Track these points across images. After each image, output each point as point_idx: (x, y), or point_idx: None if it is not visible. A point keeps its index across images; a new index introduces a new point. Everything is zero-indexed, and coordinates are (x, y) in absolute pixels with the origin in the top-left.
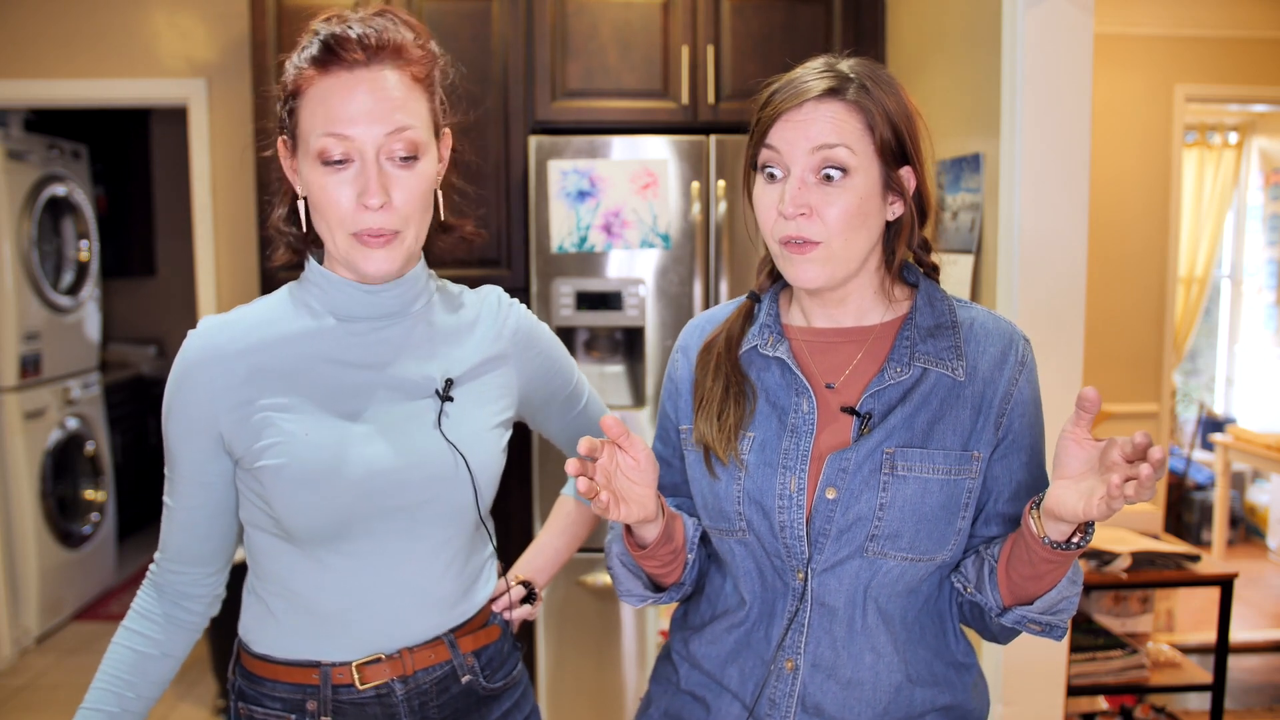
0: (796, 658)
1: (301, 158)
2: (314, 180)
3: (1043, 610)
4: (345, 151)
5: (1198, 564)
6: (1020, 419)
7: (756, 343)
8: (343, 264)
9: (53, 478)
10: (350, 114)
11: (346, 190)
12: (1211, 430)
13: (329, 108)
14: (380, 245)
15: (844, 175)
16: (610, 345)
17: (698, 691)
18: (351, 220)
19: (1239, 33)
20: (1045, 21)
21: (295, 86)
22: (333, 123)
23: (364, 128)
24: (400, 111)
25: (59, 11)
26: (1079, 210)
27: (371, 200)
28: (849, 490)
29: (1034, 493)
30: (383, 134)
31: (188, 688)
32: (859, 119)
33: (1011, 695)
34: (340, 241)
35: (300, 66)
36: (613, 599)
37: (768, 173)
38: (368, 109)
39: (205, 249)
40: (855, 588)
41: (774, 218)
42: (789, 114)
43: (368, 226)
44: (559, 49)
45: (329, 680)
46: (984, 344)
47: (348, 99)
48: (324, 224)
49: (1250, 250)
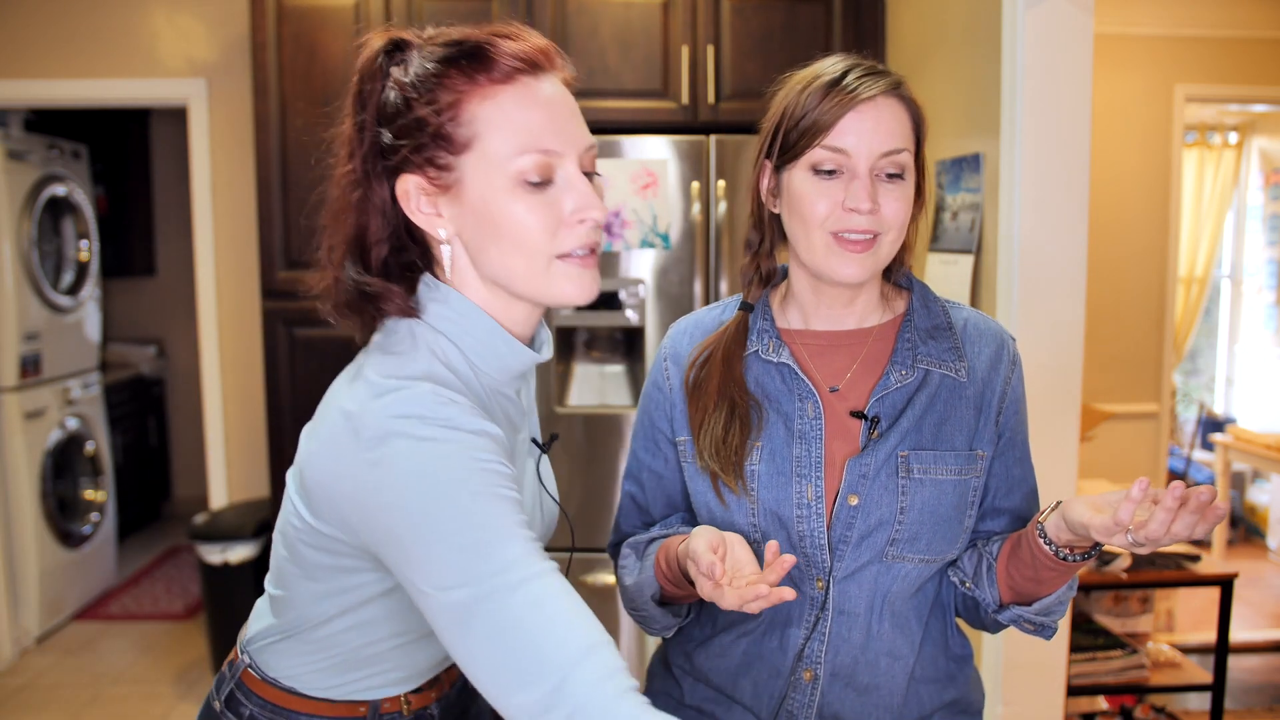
0: (816, 668)
1: (472, 180)
2: (501, 202)
3: (1039, 611)
4: (546, 172)
5: (1198, 564)
6: (1014, 416)
7: (757, 348)
8: (533, 292)
9: (53, 478)
10: (562, 124)
11: (549, 211)
12: (1211, 430)
13: (531, 118)
14: (592, 266)
15: (903, 175)
16: (610, 345)
17: (705, 707)
18: (570, 239)
19: (1239, 33)
20: (1045, 21)
21: (449, 101)
22: (543, 138)
23: (578, 133)
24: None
25: (59, 11)
26: (1079, 210)
27: (595, 213)
28: (870, 496)
29: (1026, 487)
30: (584, 145)
31: (188, 688)
32: (911, 120)
33: (1011, 695)
34: (539, 265)
35: (456, 79)
36: (613, 599)
37: (823, 170)
38: (577, 120)
39: (205, 249)
40: (874, 593)
41: (829, 209)
42: (860, 110)
43: (581, 244)
44: None
45: (377, 712)
46: (979, 344)
47: (555, 107)
48: (520, 249)
49: (1250, 250)
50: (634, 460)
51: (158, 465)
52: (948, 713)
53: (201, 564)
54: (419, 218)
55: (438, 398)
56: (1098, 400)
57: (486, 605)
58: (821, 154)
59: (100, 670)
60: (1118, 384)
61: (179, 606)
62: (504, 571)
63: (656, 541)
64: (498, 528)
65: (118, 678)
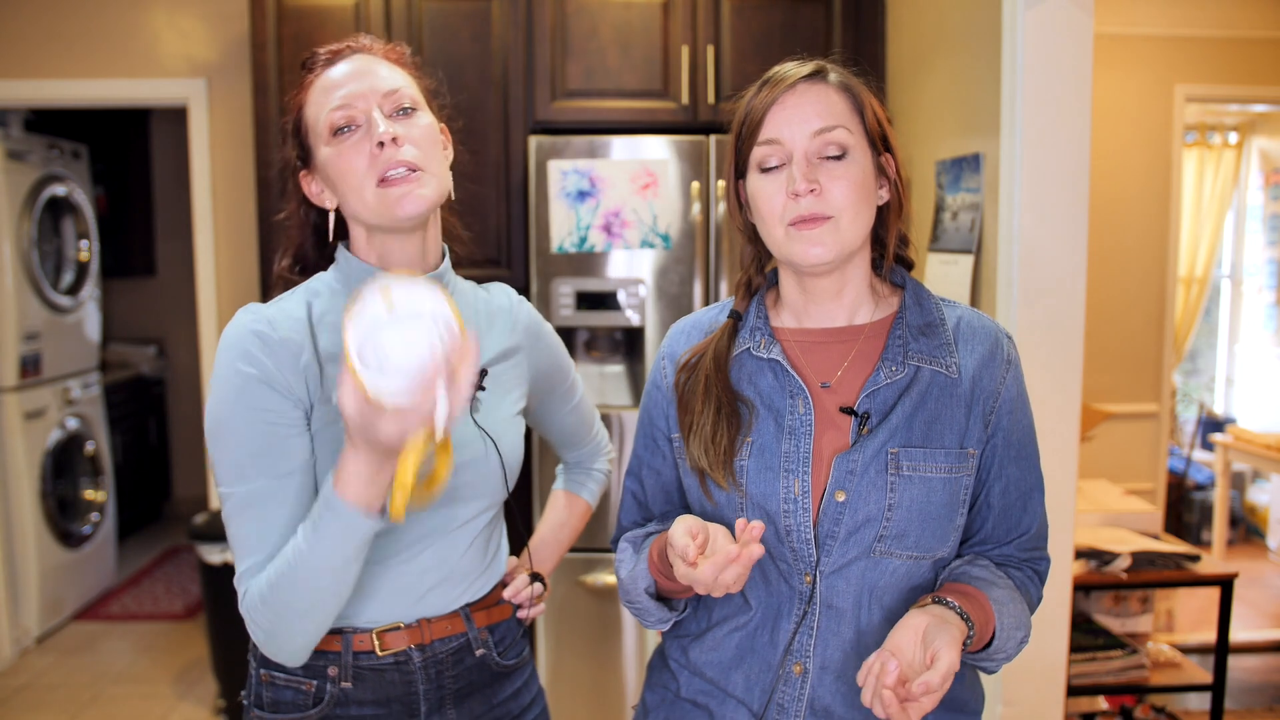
0: (805, 661)
1: (316, 155)
2: (330, 158)
3: (973, 658)
4: (348, 117)
5: (1198, 564)
6: (1009, 415)
7: (749, 345)
8: (376, 212)
9: (53, 478)
10: (342, 84)
11: (363, 156)
12: (1211, 430)
13: (326, 89)
14: (403, 182)
15: (845, 154)
16: (610, 345)
17: (699, 699)
18: (371, 169)
19: (1239, 33)
20: (1045, 21)
21: (297, 103)
22: (333, 96)
23: (357, 85)
24: (388, 77)
25: (59, 11)
26: (1079, 210)
27: (381, 133)
28: (857, 492)
29: (1024, 486)
30: (380, 92)
31: (188, 687)
32: (847, 100)
33: (1011, 695)
34: (369, 197)
35: (297, 89)
36: (613, 599)
37: (767, 168)
38: (356, 75)
39: (205, 249)
40: (862, 588)
41: (781, 202)
42: (782, 100)
43: (388, 166)
44: (559, 49)
45: (350, 647)
46: (972, 342)
47: (339, 77)
48: (348, 189)
49: (1250, 250)
50: (635, 458)
51: (158, 465)
52: (942, 711)
53: (201, 564)
54: (317, 199)
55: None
56: (1098, 400)
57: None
58: (761, 151)
59: (100, 670)
60: (1118, 384)
61: (179, 606)
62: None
63: (653, 535)
64: None
65: (118, 678)
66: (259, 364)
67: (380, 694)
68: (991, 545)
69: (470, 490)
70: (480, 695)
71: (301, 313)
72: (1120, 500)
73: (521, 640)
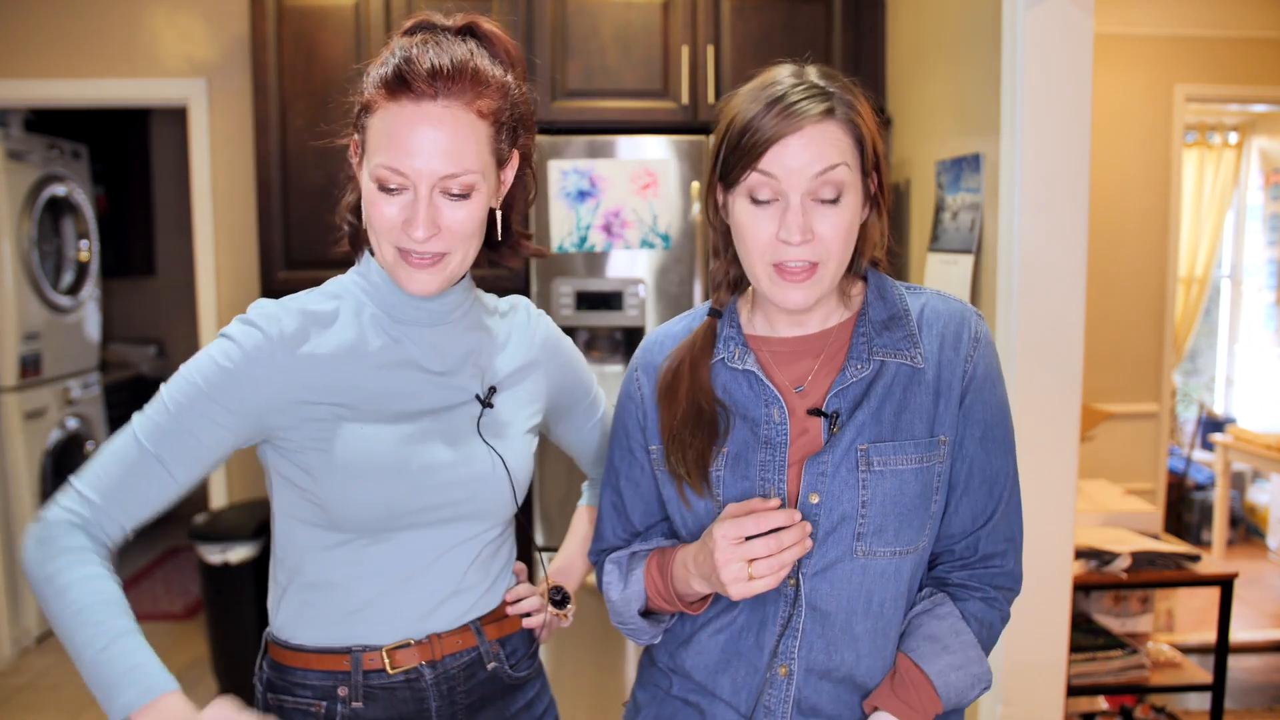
0: (790, 663)
1: (364, 167)
2: (369, 193)
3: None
4: (400, 184)
5: (1198, 564)
6: (977, 395)
7: (723, 356)
8: (389, 273)
9: (53, 478)
10: (410, 149)
11: (397, 211)
12: (1211, 430)
13: (392, 138)
14: (424, 267)
15: (840, 196)
16: (610, 345)
17: (690, 698)
18: (399, 236)
19: (1239, 33)
20: (1045, 21)
21: (366, 102)
22: (393, 156)
23: (423, 163)
24: (460, 155)
25: (59, 11)
26: (1079, 210)
27: (417, 233)
28: (830, 492)
29: (989, 471)
30: (439, 175)
31: (188, 687)
32: (851, 136)
33: (1011, 695)
34: (387, 254)
35: (374, 86)
36: None
37: (759, 200)
38: (428, 148)
39: (205, 249)
40: (848, 588)
41: (769, 240)
42: (787, 139)
43: (414, 249)
44: (559, 49)
45: (360, 666)
46: (936, 327)
47: (409, 134)
48: (373, 233)
49: (1250, 250)
50: (610, 469)
51: None
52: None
53: (201, 564)
54: (356, 170)
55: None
56: (1098, 400)
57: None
58: (756, 179)
59: None
60: (1118, 384)
61: (179, 606)
62: None
63: (639, 555)
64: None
65: None
66: (249, 357)
67: (392, 712)
68: (954, 559)
69: (478, 508)
70: (493, 708)
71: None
72: (1120, 500)
73: (533, 651)
